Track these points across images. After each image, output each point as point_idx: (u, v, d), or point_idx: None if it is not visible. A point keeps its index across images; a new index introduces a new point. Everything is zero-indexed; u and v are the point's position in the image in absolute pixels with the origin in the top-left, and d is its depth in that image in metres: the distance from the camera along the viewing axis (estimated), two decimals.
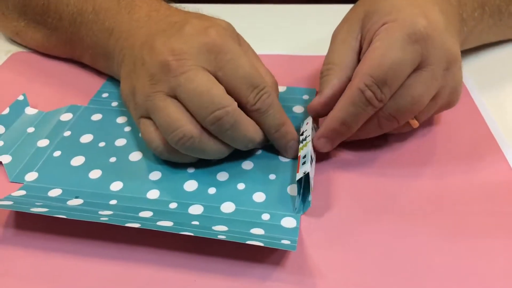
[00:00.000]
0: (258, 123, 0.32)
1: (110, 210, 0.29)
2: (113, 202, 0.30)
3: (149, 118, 0.32)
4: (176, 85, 0.30)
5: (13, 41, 0.47)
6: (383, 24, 0.31)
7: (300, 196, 0.30)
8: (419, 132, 0.36)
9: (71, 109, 0.38)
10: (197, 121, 0.30)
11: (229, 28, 0.33)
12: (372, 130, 0.33)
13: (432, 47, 0.30)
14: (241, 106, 0.31)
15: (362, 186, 0.32)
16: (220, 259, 0.28)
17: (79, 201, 0.30)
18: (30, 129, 0.36)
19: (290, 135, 0.33)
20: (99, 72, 0.42)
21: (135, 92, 0.32)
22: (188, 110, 0.30)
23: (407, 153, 0.35)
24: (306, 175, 0.29)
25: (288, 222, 0.29)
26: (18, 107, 0.38)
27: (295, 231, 0.28)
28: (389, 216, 0.30)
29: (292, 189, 0.31)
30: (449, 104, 0.34)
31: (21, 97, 0.38)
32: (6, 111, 0.37)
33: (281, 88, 0.41)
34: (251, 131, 0.31)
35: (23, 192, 0.31)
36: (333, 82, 0.32)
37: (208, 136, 0.30)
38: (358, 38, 0.33)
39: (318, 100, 0.33)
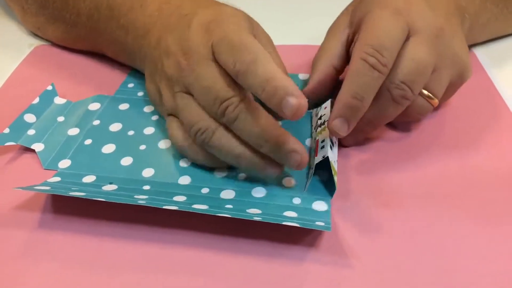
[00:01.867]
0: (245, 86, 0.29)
1: (145, 194, 0.30)
2: (146, 187, 0.31)
3: (174, 116, 0.33)
4: (189, 84, 0.31)
5: (36, 35, 0.48)
6: (366, 14, 0.33)
7: (309, 179, 0.31)
8: (438, 115, 0.37)
9: (98, 99, 0.39)
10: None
11: (236, 16, 0.32)
12: (387, 108, 0.32)
13: (415, 18, 0.32)
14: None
15: (388, 171, 0.33)
16: (256, 241, 0.28)
17: (113, 187, 0.31)
18: (60, 118, 0.37)
19: (281, 90, 0.27)
20: (122, 64, 0.43)
21: (161, 93, 0.33)
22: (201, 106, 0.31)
23: (429, 136, 0.35)
24: (326, 160, 0.30)
25: (320, 205, 0.30)
26: (47, 97, 0.38)
27: (327, 213, 0.29)
28: (416, 200, 0.31)
29: (320, 174, 0.32)
30: (459, 77, 0.34)
31: (50, 87, 0.39)
32: (36, 100, 0.37)
33: (305, 76, 0.41)
34: (261, 125, 0.29)
35: (58, 179, 0.32)
36: (319, 68, 0.35)
37: (224, 131, 0.30)
38: (346, 31, 0.35)
39: (307, 87, 0.36)
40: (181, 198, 0.30)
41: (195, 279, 0.26)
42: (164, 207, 0.28)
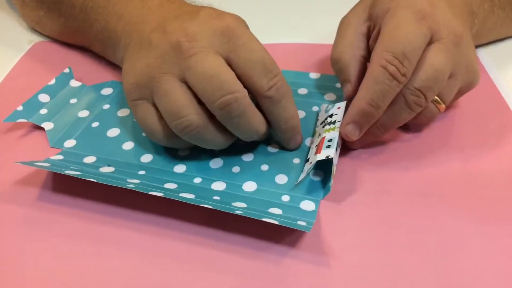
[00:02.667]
0: (268, 112, 0.31)
1: (138, 179, 0.31)
2: (141, 172, 0.32)
3: (146, 100, 0.31)
4: (186, 68, 0.29)
5: (35, 31, 0.48)
6: (388, 10, 0.32)
7: (308, 175, 0.31)
8: (441, 117, 0.36)
9: (112, 84, 0.40)
10: (203, 109, 0.30)
11: (242, 19, 0.32)
12: (400, 113, 0.32)
13: (438, 23, 0.31)
14: (253, 93, 0.30)
15: (385, 171, 0.32)
16: (238, 236, 0.28)
17: (110, 169, 0.32)
18: (73, 100, 0.39)
19: (297, 128, 0.33)
20: (104, 66, 0.43)
21: (135, 71, 0.31)
22: (196, 95, 0.30)
23: (429, 138, 0.35)
24: (328, 160, 0.30)
25: (307, 205, 0.30)
26: (63, 79, 0.40)
27: (313, 214, 0.29)
28: (414, 199, 0.30)
29: (315, 174, 0.32)
30: (469, 84, 0.33)
31: (67, 70, 0.40)
32: (52, 82, 0.39)
33: (316, 75, 0.41)
34: (258, 121, 0.31)
35: (60, 157, 0.33)
36: (353, 65, 0.34)
37: (213, 127, 0.30)
38: (366, 24, 0.34)
39: (349, 89, 0.34)
40: (172, 186, 0.30)
41: (181, 267, 0.27)
42: (151, 193, 0.28)
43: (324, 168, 0.32)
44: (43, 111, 0.37)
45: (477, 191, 0.31)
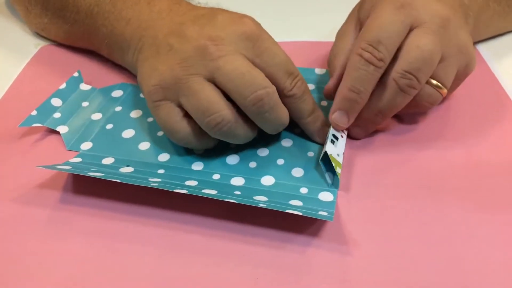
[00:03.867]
0: (290, 109, 0.33)
1: (158, 178, 0.31)
2: (160, 171, 0.33)
3: (170, 101, 0.31)
4: (215, 69, 0.30)
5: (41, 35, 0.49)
6: (373, 9, 0.33)
7: (326, 171, 0.32)
8: (443, 109, 0.37)
9: (122, 86, 0.41)
10: (233, 106, 0.31)
11: (257, 21, 0.33)
12: (395, 98, 0.32)
13: (418, 9, 0.32)
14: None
15: (388, 163, 0.33)
16: (259, 228, 0.29)
17: (130, 169, 0.33)
18: (85, 103, 0.39)
19: (321, 119, 0.35)
20: (110, 69, 0.43)
21: (157, 73, 0.31)
22: (225, 94, 0.31)
23: (432, 130, 0.36)
24: (325, 152, 0.31)
25: (326, 196, 0.31)
26: (73, 83, 0.40)
27: (332, 204, 0.30)
28: (422, 191, 0.31)
29: (330, 166, 0.33)
30: (466, 67, 0.34)
31: (76, 74, 0.41)
32: (63, 86, 0.39)
33: (321, 71, 0.42)
34: (285, 114, 0.32)
35: (79, 159, 0.34)
36: (338, 64, 0.35)
37: (242, 121, 0.31)
38: (356, 30, 0.36)
39: (329, 83, 0.36)
40: (192, 183, 0.31)
41: (202, 261, 0.28)
42: (175, 190, 0.29)
43: (323, 160, 0.33)
44: (57, 115, 0.37)
45: (480, 181, 0.32)
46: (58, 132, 0.36)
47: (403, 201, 0.31)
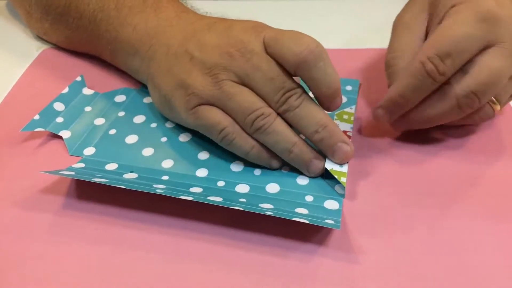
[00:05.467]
0: (307, 80, 0.31)
1: (163, 184, 0.31)
2: (165, 177, 0.32)
3: (207, 105, 0.32)
4: (244, 74, 0.31)
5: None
6: (452, 7, 0.31)
7: (334, 186, 0.32)
8: None
9: (124, 91, 0.41)
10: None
11: None
12: (450, 112, 0.32)
13: (502, 25, 0.30)
14: (292, 68, 0.31)
15: (399, 172, 0.33)
16: (266, 236, 0.29)
17: (134, 175, 0.32)
18: (88, 108, 0.39)
19: (339, 91, 0.31)
20: (113, 73, 0.43)
21: (185, 84, 0.32)
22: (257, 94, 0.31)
23: (438, 137, 0.36)
24: (326, 169, 0.31)
25: (331, 204, 0.30)
26: (76, 87, 0.40)
27: (338, 212, 0.30)
28: (429, 199, 0.31)
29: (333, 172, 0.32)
30: None
31: (79, 78, 0.41)
32: (66, 90, 0.39)
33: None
34: (322, 113, 0.31)
35: (82, 165, 0.33)
36: (402, 68, 0.33)
37: (282, 119, 0.31)
38: (425, 24, 0.34)
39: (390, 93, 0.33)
40: (197, 190, 0.31)
41: (205, 268, 0.27)
42: (181, 197, 0.29)
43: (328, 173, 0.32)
44: (59, 119, 0.37)
45: (487, 189, 0.32)
46: (60, 137, 0.36)
47: (409, 209, 0.31)
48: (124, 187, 0.29)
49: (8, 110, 0.39)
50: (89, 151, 0.35)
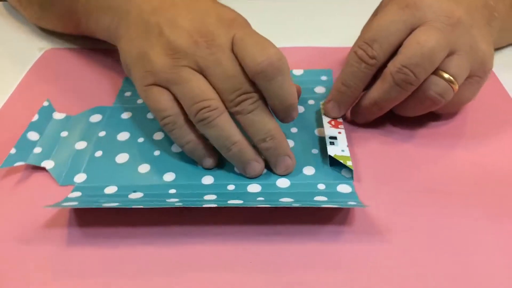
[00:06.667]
0: (264, 91, 0.31)
1: (173, 197, 0.30)
2: (172, 191, 0.31)
3: (160, 86, 0.32)
4: (205, 66, 0.31)
5: (46, 38, 0.48)
6: (381, 7, 0.35)
7: (341, 170, 0.33)
8: (450, 116, 0.38)
9: (98, 110, 0.39)
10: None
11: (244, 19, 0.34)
12: (390, 91, 0.33)
13: (425, 8, 0.33)
14: (250, 73, 0.31)
15: (395, 169, 0.33)
16: (287, 226, 0.29)
17: (139, 194, 0.31)
18: (64, 133, 0.36)
19: (295, 110, 0.32)
20: (115, 73, 0.43)
21: (147, 59, 0.32)
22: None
23: (439, 137, 0.36)
24: (330, 156, 0.32)
25: (344, 188, 0.31)
26: (45, 113, 0.37)
27: (353, 195, 0.30)
28: (431, 196, 0.31)
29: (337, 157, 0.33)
30: (481, 65, 0.33)
31: (46, 103, 0.38)
32: (36, 118, 0.36)
33: (299, 71, 0.43)
34: (274, 124, 0.31)
35: (78, 193, 0.31)
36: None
37: (229, 116, 0.31)
38: None
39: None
40: (211, 197, 0.30)
41: (236, 268, 0.27)
42: (204, 205, 0.28)
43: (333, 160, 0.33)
44: (37, 150, 0.34)
45: (489, 188, 0.32)
46: (42, 168, 0.33)
47: (411, 207, 0.30)
48: (141, 207, 0.28)
49: (10, 112, 0.39)
50: (80, 178, 0.33)
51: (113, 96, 0.40)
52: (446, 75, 0.32)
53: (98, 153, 0.35)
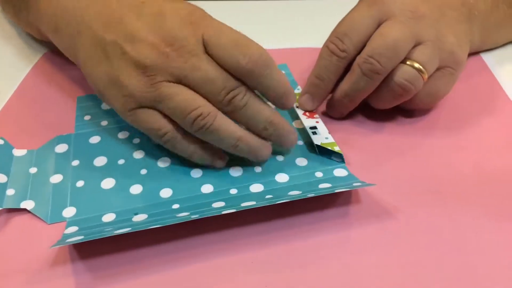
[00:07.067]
0: (257, 88, 0.31)
1: (181, 212, 0.29)
2: (175, 206, 0.30)
3: (146, 107, 0.31)
4: (182, 76, 0.30)
5: (45, 42, 0.46)
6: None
7: (330, 157, 0.34)
8: (448, 114, 0.38)
9: (61, 139, 0.36)
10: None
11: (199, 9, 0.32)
12: (359, 81, 0.34)
13: (390, 4, 0.35)
14: (238, 75, 0.30)
15: (395, 169, 0.34)
16: (293, 217, 0.30)
17: (143, 216, 0.29)
18: (33, 170, 0.33)
19: (292, 96, 0.32)
20: (68, 97, 0.41)
21: (121, 84, 0.30)
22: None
23: (439, 137, 0.36)
24: (317, 145, 0.34)
25: (340, 172, 0.33)
26: (4, 152, 0.34)
27: (352, 176, 0.32)
28: (432, 196, 0.32)
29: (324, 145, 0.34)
30: (450, 54, 0.35)
31: (1, 142, 0.34)
32: None
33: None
34: (268, 110, 0.31)
35: (75, 228, 0.29)
36: None
37: (224, 115, 0.31)
38: None
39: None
40: (220, 204, 0.30)
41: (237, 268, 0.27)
42: (223, 212, 0.28)
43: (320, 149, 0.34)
44: (10, 191, 0.31)
45: (490, 187, 0.32)
46: (23, 210, 0.30)
47: (412, 207, 0.31)
48: (159, 226, 0.27)
49: (11, 112, 0.39)
50: (69, 212, 0.30)
51: (57, 131, 0.37)
52: (414, 64, 0.34)
53: (80, 183, 0.32)
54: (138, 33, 0.30)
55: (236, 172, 0.33)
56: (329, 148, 0.33)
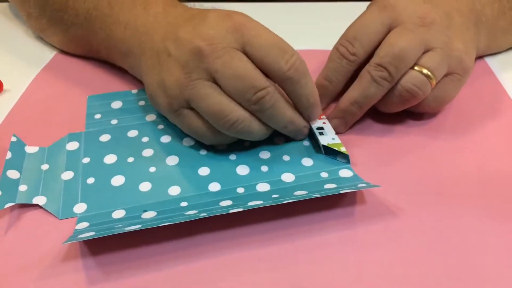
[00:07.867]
0: (290, 92, 0.33)
1: (189, 210, 0.30)
2: (183, 204, 0.31)
3: (186, 108, 0.33)
4: (214, 71, 0.31)
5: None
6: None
7: (336, 158, 0.34)
8: (453, 117, 0.38)
9: (72, 137, 0.37)
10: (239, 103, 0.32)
11: (248, 15, 0.33)
12: (369, 88, 0.34)
13: (400, 10, 0.35)
14: (274, 78, 0.32)
15: (399, 170, 0.34)
16: (299, 217, 0.31)
17: (152, 213, 0.30)
18: (44, 166, 0.34)
19: (318, 104, 0.35)
20: (79, 93, 0.42)
21: (165, 85, 0.32)
22: (227, 93, 0.31)
23: (443, 139, 0.36)
24: (324, 146, 0.34)
25: (345, 173, 0.33)
26: (17, 149, 0.35)
27: (357, 177, 0.33)
28: (435, 198, 0.32)
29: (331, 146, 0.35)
30: (458, 62, 0.35)
31: (14, 139, 0.35)
32: (9, 155, 0.34)
33: None
34: (290, 110, 0.33)
35: (86, 224, 0.30)
36: None
37: (255, 119, 0.32)
38: None
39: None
40: (227, 202, 0.30)
41: (264, 259, 0.28)
42: (231, 211, 0.28)
43: (327, 149, 0.35)
44: (23, 187, 0.32)
45: (493, 189, 0.32)
46: (35, 205, 0.31)
47: (416, 207, 0.31)
48: (170, 223, 0.27)
49: (19, 113, 0.40)
50: (79, 208, 0.31)
51: (68, 129, 0.38)
52: (423, 70, 0.34)
53: (90, 180, 0.33)
54: (183, 35, 0.32)
55: (243, 170, 0.33)
56: (336, 148, 0.34)
